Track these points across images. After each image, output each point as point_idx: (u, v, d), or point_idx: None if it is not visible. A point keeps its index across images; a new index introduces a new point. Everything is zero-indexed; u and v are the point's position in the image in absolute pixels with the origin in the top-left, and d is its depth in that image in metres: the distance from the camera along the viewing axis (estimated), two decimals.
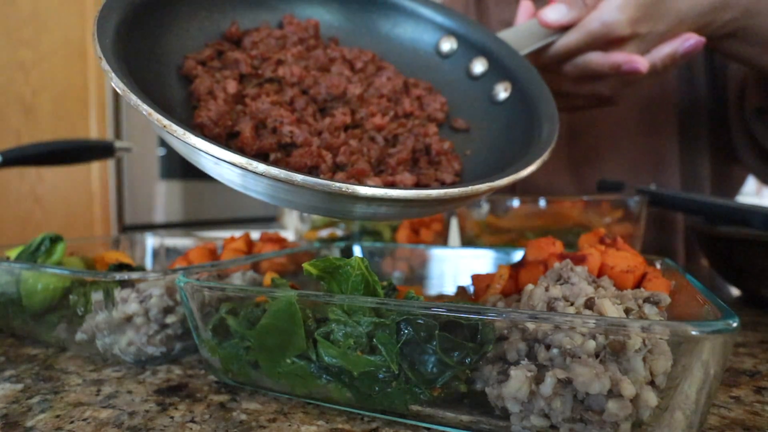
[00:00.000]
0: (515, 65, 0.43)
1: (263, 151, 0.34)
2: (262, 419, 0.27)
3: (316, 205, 0.30)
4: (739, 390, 0.30)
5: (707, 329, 0.19)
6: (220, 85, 0.36)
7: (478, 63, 0.45)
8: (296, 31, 0.42)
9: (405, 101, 0.42)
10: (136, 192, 1.81)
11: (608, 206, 0.56)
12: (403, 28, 0.46)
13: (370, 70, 0.43)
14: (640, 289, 0.29)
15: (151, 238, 0.61)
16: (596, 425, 0.21)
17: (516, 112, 0.41)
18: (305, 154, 0.33)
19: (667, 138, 0.74)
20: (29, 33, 1.56)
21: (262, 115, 0.35)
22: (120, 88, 0.27)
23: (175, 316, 0.36)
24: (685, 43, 0.47)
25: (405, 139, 0.38)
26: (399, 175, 0.35)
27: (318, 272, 0.28)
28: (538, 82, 0.41)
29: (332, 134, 0.36)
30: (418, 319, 0.24)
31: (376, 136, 0.38)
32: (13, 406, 0.29)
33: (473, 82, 0.45)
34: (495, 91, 0.44)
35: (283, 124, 0.34)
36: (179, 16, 0.38)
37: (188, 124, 0.34)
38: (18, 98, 1.55)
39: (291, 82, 0.38)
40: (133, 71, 0.30)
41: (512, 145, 0.39)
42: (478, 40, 0.45)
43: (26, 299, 0.38)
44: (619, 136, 0.76)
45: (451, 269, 0.45)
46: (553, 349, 0.22)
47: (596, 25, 0.45)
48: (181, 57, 0.37)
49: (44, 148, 0.63)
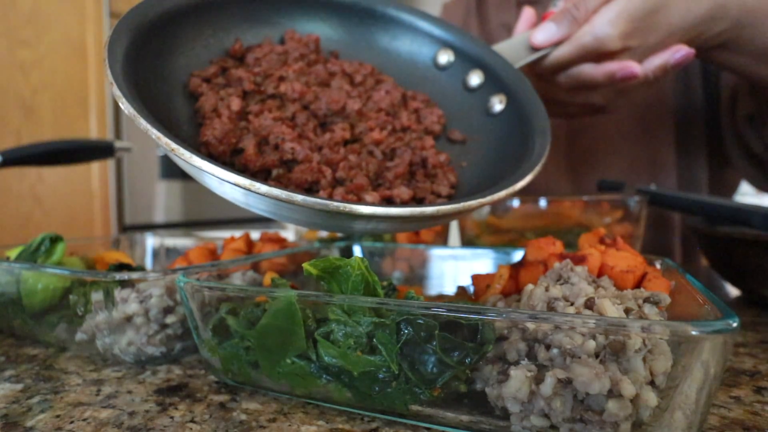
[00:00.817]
0: (510, 78, 0.44)
1: (266, 168, 0.35)
2: (262, 419, 0.27)
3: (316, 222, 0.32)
4: (739, 390, 0.30)
5: (707, 329, 0.19)
6: (224, 103, 0.37)
7: (475, 75, 0.46)
8: (297, 46, 0.43)
9: (403, 115, 0.43)
10: (136, 192, 1.81)
11: (608, 206, 0.56)
12: (402, 41, 0.48)
13: (370, 83, 0.44)
14: (640, 289, 0.29)
15: (151, 238, 0.61)
16: (596, 425, 0.21)
17: (510, 125, 0.42)
18: (306, 170, 0.34)
19: (664, 142, 0.74)
20: (29, 33, 1.56)
21: (264, 132, 0.36)
22: (130, 112, 0.28)
23: (175, 316, 0.36)
24: (676, 55, 0.47)
25: (402, 152, 0.40)
26: (396, 189, 0.36)
27: (318, 272, 0.28)
28: (532, 96, 0.42)
29: (332, 149, 0.37)
30: (418, 319, 0.24)
31: (375, 150, 0.39)
32: (13, 406, 0.29)
33: (470, 94, 0.46)
34: (491, 103, 0.44)
35: (285, 141, 0.36)
36: (185, 35, 0.39)
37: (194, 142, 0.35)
38: (18, 98, 1.55)
39: (292, 98, 0.40)
40: (143, 92, 0.32)
41: (506, 158, 0.40)
42: (474, 52, 0.46)
43: (26, 299, 0.38)
44: (616, 140, 0.76)
45: (451, 269, 0.45)
46: (553, 349, 0.22)
47: (588, 39, 0.46)
48: (187, 74, 0.39)
49: (44, 148, 0.63)
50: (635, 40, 0.46)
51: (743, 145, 0.69)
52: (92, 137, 1.70)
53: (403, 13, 0.47)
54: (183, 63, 0.39)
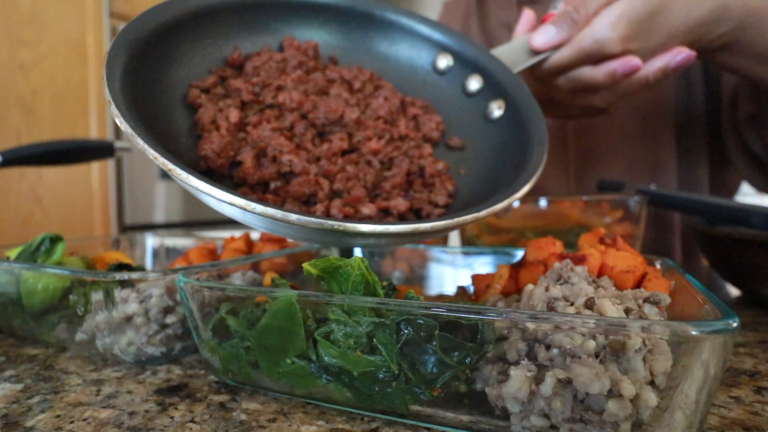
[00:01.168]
0: (509, 84, 0.44)
1: (264, 180, 0.35)
2: (262, 419, 0.27)
3: (314, 238, 0.33)
4: (739, 390, 0.30)
5: (707, 329, 0.19)
6: (223, 114, 0.37)
7: (474, 80, 0.46)
8: (296, 54, 0.43)
9: (401, 123, 0.42)
10: (136, 192, 1.81)
11: (608, 206, 0.56)
12: (401, 45, 0.48)
13: (368, 89, 0.44)
14: (640, 289, 0.29)
15: (151, 238, 0.61)
16: (596, 425, 0.21)
17: (509, 132, 0.42)
18: (303, 182, 0.35)
19: (664, 143, 0.74)
20: (29, 33, 1.56)
21: (263, 144, 0.36)
22: (128, 132, 0.28)
23: (175, 316, 0.36)
24: (677, 57, 0.47)
25: (400, 162, 0.40)
26: (393, 200, 0.37)
27: (318, 272, 0.28)
28: (530, 103, 0.42)
29: (329, 161, 0.37)
30: (418, 319, 0.24)
31: (372, 159, 0.39)
32: (13, 406, 0.29)
33: (469, 99, 0.46)
34: (489, 108, 0.44)
35: (283, 153, 0.36)
36: (183, 45, 0.39)
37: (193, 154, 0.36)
38: (18, 98, 1.55)
39: (290, 108, 0.40)
40: (141, 107, 0.32)
41: (504, 166, 0.40)
42: (473, 57, 0.46)
43: (26, 299, 0.38)
44: (616, 140, 0.76)
45: (451, 269, 0.45)
46: (553, 349, 0.22)
47: (588, 42, 0.46)
48: (186, 85, 0.39)
49: (44, 148, 0.63)
50: (635, 43, 0.46)
51: (744, 146, 0.69)
52: (92, 137, 1.70)
53: (401, 17, 0.47)
54: (182, 74, 0.39)
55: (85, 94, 1.68)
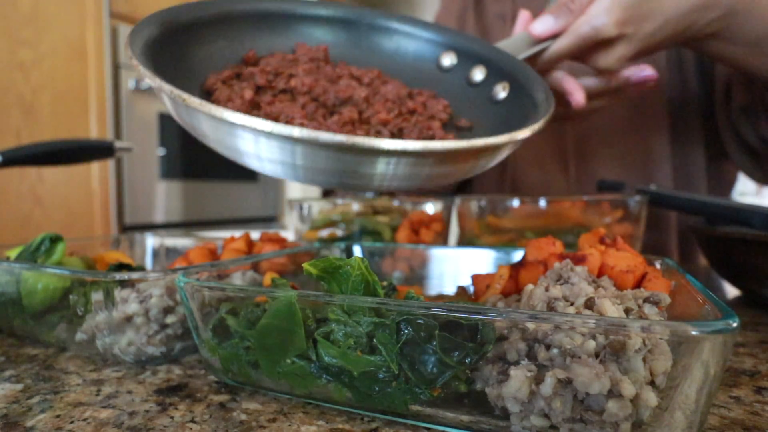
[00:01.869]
0: (511, 65, 0.46)
1: None
2: (262, 419, 0.27)
3: (333, 167, 0.32)
4: (739, 390, 0.30)
5: (707, 329, 0.19)
6: (238, 93, 0.39)
7: (478, 71, 0.48)
8: (307, 52, 0.47)
9: (409, 102, 0.44)
10: (136, 192, 1.81)
11: (608, 206, 0.56)
12: (406, 48, 0.51)
13: (376, 84, 0.46)
14: (640, 289, 0.29)
15: (151, 238, 0.61)
16: (596, 425, 0.21)
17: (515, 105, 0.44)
18: None
19: (658, 134, 0.75)
20: (29, 33, 1.56)
21: (274, 115, 0.38)
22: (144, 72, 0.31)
23: (175, 316, 0.36)
24: (641, 73, 0.51)
25: (410, 132, 0.41)
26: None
27: (318, 272, 0.28)
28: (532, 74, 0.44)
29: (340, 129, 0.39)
30: (418, 319, 0.24)
31: (382, 129, 0.40)
32: (13, 406, 0.29)
33: (474, 88, 0.48)
34: (494, 91, 0.46)
35: (294, 119, 0.37)
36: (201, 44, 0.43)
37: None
38: (18, 98, 1.55)
39: (302, 92, 0.42)
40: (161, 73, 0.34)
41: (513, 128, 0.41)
42: (476, 50, 0.49)
43: (26, 299, 0.38)
44: (610, 132, 0.77)
45: (451, 269, 0.45)
46: (553, 349, 0.22)
47: (586, 28, 0.48)
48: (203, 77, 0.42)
49: (44, 148, 0.63)
50: (630, 27, 0.48)
51: (738, 137, 0.69)
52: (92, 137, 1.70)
53: (405, 25, 0.51)
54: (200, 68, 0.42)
55: (85, 94, 1.68)
